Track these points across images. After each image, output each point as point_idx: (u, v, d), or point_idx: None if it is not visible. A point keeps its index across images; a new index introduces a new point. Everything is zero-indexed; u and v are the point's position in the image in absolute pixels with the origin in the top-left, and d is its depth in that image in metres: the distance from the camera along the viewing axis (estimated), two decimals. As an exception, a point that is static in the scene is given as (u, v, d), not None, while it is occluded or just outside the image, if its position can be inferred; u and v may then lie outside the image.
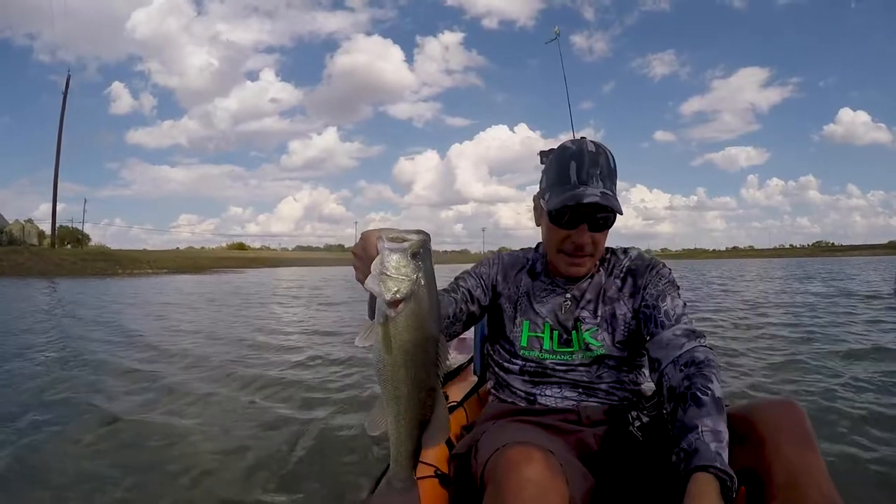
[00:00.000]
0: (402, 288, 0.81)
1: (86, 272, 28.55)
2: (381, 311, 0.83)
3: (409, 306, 0.82)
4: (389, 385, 0.85)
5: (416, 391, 0.85)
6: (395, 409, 0.86)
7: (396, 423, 0.87)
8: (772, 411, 1.01)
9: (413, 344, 0.83)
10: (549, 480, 0.91)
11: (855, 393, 3.19)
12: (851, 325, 6.12)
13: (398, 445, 0.89)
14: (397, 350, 0.83)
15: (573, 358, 1.29)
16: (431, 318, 0.85)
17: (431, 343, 0.86)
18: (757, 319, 6.96)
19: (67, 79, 39.93)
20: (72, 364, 4.54)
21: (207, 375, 4.11)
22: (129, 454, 2.47)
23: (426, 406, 0.87)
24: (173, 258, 46.06)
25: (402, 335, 0.83)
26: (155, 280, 23.27)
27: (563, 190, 1.23)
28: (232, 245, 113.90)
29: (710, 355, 1.10)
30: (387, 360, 0.84)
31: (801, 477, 0.92)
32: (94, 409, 3.16)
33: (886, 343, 4.83)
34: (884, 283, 12.95)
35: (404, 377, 0.84)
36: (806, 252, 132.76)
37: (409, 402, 0.86)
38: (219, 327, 7.15)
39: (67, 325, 7.23)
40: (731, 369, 3.90)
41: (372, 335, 0.85)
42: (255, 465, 2.33)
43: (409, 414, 0.86)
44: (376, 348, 0.85)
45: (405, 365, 0.84)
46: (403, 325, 0.82)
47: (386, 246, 0.83)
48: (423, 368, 0.85)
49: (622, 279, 1.33)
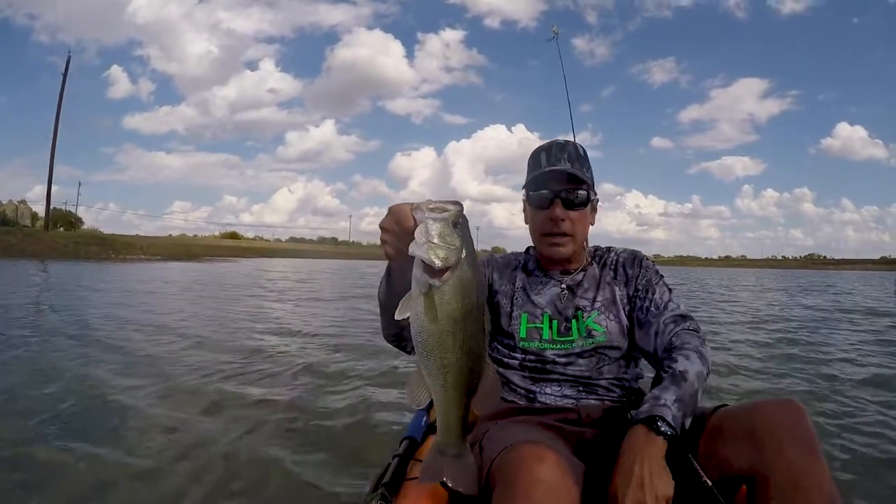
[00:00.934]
0: (451, 256, 0.81)
1: (79, 255, 28.42)
2: (422, 281, 0.82)
3: (456, 274, 0.82)
4: (435, 355, 0.85)
5: (465, 359, 0.85)
6: (441, 379, 0.86)
7: (444, 392, 0.87)
8: (773, 411, 1.02)
9: (461, 311, 0.83)
10: (561, 481, 0.91)
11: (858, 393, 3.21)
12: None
13: (447, 414, 0.89)
14: (444, 318, 0.83)
15: (574, 347, 1.30)
16: (476, 286, 0.85)
17: (478, 310, 0.86)
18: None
19: (67, 60, 39.50)
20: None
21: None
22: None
23: (474, 373, 0.87)
24: (166, 245, 45.95)
25: (449, 303, 0.82)
26: (149, 266, 23.14)
27: (534, 173, 1.34)
28: (225, 234, 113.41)
29: (687, 336, 1.20)
30: (431, 330, 0.83)
31: (802, 477, 0.92)
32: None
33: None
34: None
35: (451, 345, 0.84)
36: (798, 264, 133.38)
37: (457, 371, 0.86)
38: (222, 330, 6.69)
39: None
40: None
41: (411, 306, 0.85)
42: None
43: (457, 382, 0.86)
44: (418, 319, 0.84)
45: (453, 333, 0.83)
46: (451, 293, 0.82)
47: (428, 216, 0.83)
48: (471, 335, 0.85)
49: (614, 269, 1.39)
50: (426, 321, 0.83)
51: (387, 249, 0.93)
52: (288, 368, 4.11)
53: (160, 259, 32.32)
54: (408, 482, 1.22)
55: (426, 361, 0.86)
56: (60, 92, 38.57)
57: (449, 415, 0.89)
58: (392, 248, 0.91)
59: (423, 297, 0.82)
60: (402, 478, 1.24)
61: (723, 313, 9.26)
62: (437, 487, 1.23)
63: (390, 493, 1.16)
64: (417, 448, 1.37)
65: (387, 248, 0.93)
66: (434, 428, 1.43)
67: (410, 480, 1.23)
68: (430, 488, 1.22)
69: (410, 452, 1.34)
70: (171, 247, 44.11)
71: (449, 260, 0.81)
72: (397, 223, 0.90)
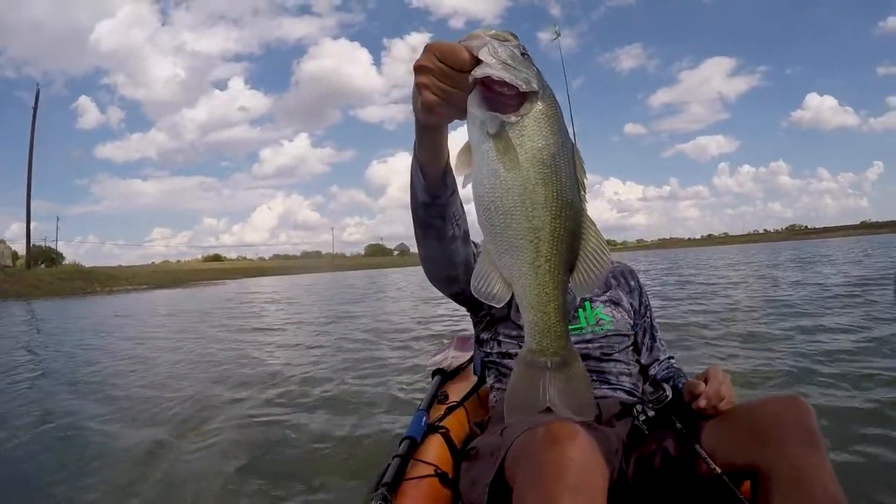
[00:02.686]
0: (533, 80, 0.62)
1: (64, 292, 27.88)
2: (490, 120, 0.62)
3: (539, 104, 0.62)
4: (519, 216, 0.62)
5: (563, 216, 0.63)
6: (531, 252, 0.63)
7: (535, 270, 0.63)
8: (778, 407, 1.02)
9: (551, 150, 0.62)
10: (592, 462, 0.83)
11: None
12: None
13: (543, 304, 0.65)
14: (529, 162, 0.61)
15: (583, 333, 1.33)
16: (563, 122, 0.64)
17: (569, 149, 0.64)
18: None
19: (37, 94, 38.68)
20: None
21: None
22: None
23: (575, 237, 0.64)
24: (151, 273, 45.29)
25: (534, 140, 0.61)
26: (139, 297, 22.80)
27: None
28: (208, 257, 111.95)
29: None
30: (511, 181, 0.62)
31: (805, 474, 0.91)
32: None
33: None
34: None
35: (543, 198, 0.62)
36: (781, 236, 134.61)
37: (555, 235, 0.63)
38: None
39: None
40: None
41: (474, 161, 0.64)
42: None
43: (557, 251, 0.63)
44: (487, 172, 0.63)
45: (543, 180, 0.61)
46: (535, 126, 0.62)
47: (491, 41, 0.63)
48: (568, 183, 0.63)
49: (615, 278, 1.48)
50: (503, 171, 0.62)
51: (426, 95, 0.68)
52: (290, 376, 4.15)
53: (147, 288, 31.89)
54: (408, 482, 1.22)
55: (505, 231, 0.63)
56: (32, 126, 37.67)
57: (547, 303, 0.65)
58: (435, 92, 0.67)
59: (493, 139, 0.62)
60: (402, 478, 1.24)
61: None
62: (437, 487, 1.23)
63: (390, 494, 1.16)
64: (417, 448, 1.36)
65: (426, 95, 0.68)
66: (435, 428, 1.43)
67: (410, 480, 1.23)
68: (431, 488, 1.22)
69: (410, 452, 1.34)
70: (157, 274, 43.51)
71: (532, 84, 0.61)
72: (442, 58, 0.65)
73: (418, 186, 0.92)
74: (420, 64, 0.67)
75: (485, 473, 1.03)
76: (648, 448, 1.18)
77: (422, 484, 1.22)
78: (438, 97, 0.67)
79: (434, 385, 1.86)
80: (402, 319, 8.10)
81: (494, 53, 0.61)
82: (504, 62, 0.61)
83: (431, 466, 1.28)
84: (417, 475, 1.25)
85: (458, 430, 1.48)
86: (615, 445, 1.16)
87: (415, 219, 0.97)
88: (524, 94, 0.61)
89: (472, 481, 1.12)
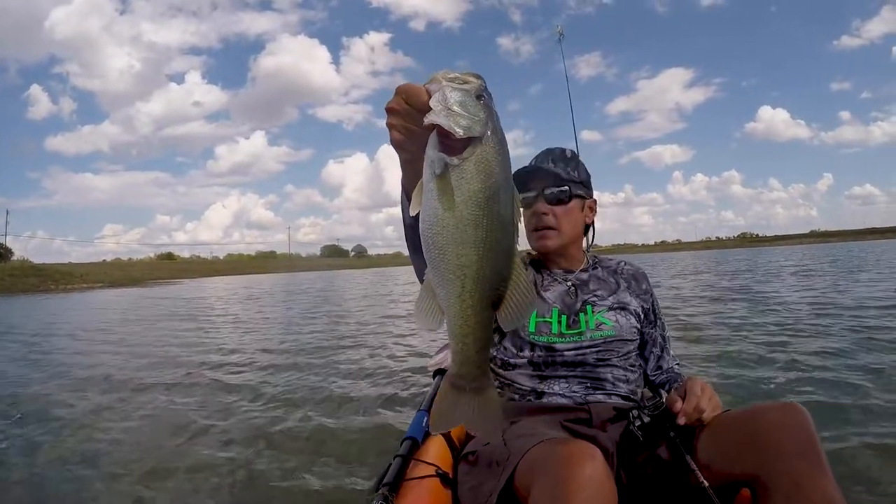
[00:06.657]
0: (475, 126, 0.65)
1: (16, 289, 26.79)
2: (437, 161, 0.66)
3: (480, 149, 0.66)
4: (450, 252, 0.66)
5: (489, 256, 0.67)
6: (457, 287, 0.67)
7: (460, 303, 0.68)
8: (776, 415, 1.01)
9: (486, 193, 0.65)
10: (607, 482, 0.89)
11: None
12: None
13: (463, 335, 0.70)
14: (464, 203, 0.65)
15: (583, 339, 1.32)
16: (505, 166, 0.68)
17: (507, 194, 0.68)
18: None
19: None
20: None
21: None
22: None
23: (500, 277, 0.68)
24: (106, 271, 43.86)
25: (470, 183, 0.65)
26: (94, 295, 22.02)
27: (518, 174, 1.40)
28: (161, 255, 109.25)
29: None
30: (447, 220, 0.66)
31: (804, 482, 0.91)
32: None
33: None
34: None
35: (472, 238, 0.66)
36: (733, 244, 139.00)
37: (480, 273, 0.67)
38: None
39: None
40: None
41: (424, 196, 0.68)
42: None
43: (480, 288, 0.67)
44: (429, 209, 0.67)
45: (474, 222, 0.65)
46: (473, 170, 0.65)
47: (446, 85, 0.67)
48: (498, 226, 0.67)
49: (626, 280, 1.47)
50: (440, 208, 0.66)
51: (394, 135, 0.76)
52: (290, 376, 4.19)
53: (102, 287, 30.86)
54: (409, 482, 1.23)
55: (438, 264, 0.68)
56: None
57: (467, 335, 0.70)
58: (401, 132, 0.75)
59: (436, 179, 0.66)
60: (403, 478, 1.24)
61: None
62: (438, 487, 1.24)
63: (391, 494, 1.16)
64: (418, 448, 1.37)
65: (394, 134, 0.76)
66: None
67: (411, 480, 1.23)
68: (432, 488, 1.22)
69: (411, 452, 1.34)
70: (113, 273, 42.23)
71: (472, 130, 0.65)
72: (407, 100, 0.73)
73: (405, 209, 0.95)
74: (389, 106, 0.75)
75: (489, 481, 1.06)
76: (642, 454, 1.19)
77: (423, 484, 1.23)
78: (404, 136, 0.75)
79: (435, 385, 1.83)
80: (402, 319, 8.15)
81: (442, 100, 0.66)
82: (448, 108, 0.65)
83: (432, 467, 1.28)
84: (418, 475, 1.25)
85: (459, 430, 1.47)
86: (609, 450, 1.17)
87: (405, 237, 1.01)
88: (469, 139, 0.65)
89: (473, 487, 1.14)
